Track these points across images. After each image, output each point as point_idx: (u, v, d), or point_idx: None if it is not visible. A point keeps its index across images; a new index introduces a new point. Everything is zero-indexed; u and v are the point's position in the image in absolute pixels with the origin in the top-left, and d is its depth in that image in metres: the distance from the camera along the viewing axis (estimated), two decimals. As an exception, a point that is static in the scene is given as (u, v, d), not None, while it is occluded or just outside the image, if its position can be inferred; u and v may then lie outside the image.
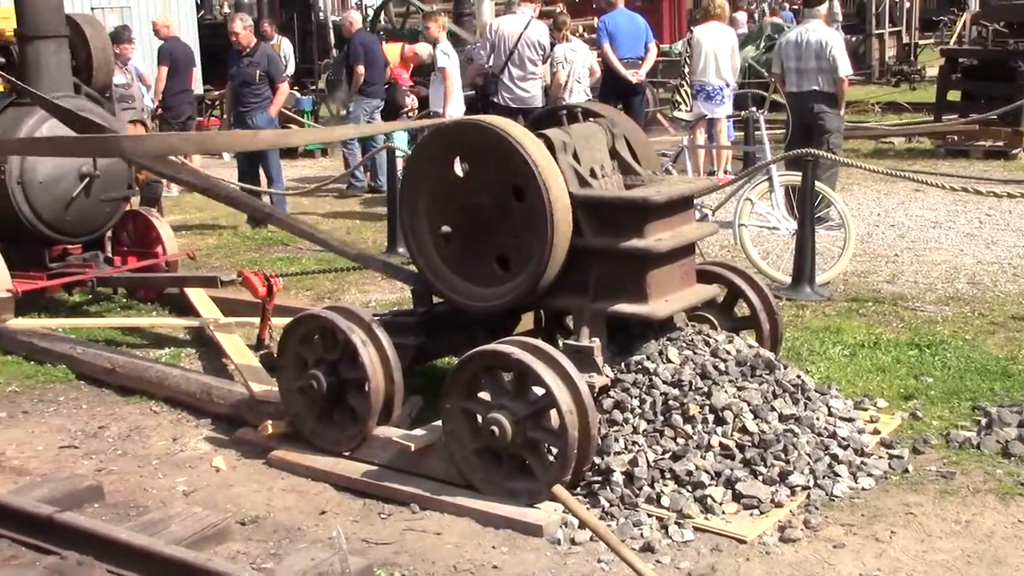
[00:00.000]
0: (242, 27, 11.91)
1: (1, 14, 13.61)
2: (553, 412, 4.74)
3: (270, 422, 5.67)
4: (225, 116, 14.31)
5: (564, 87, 11.77)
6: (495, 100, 11.60)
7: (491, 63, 11.67)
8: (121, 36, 12.31)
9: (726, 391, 5.10)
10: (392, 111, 13.44)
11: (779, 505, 4.74)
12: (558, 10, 15.35)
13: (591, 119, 5.74)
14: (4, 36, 8.96)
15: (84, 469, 5.66)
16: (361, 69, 12.74)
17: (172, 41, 13.84)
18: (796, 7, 23.16)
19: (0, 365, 7.35)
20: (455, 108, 11.70)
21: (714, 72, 12.09)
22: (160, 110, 13.12)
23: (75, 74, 8.33)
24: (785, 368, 5.52)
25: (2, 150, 7.67)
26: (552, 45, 11.85)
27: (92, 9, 21.82)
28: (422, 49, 14.41)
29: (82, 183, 8.06)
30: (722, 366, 5.24)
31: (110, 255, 8.67)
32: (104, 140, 6.50)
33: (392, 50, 14.39)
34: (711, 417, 5.00)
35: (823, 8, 10.48)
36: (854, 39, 23.33)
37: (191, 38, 26.18)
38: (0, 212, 7.93)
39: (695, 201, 6.32)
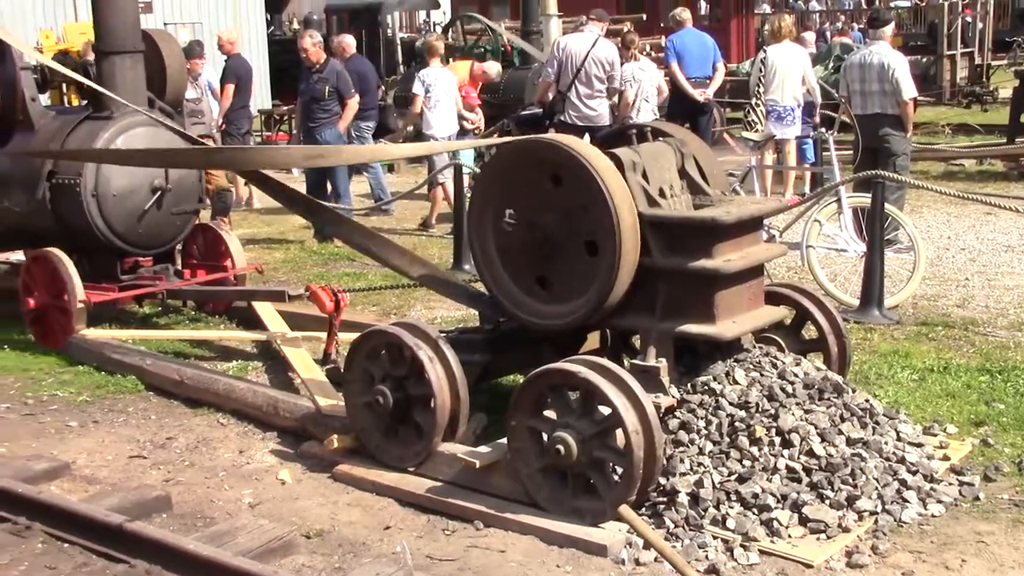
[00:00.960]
0: (311, 43, 12.04)
1: (78, 30, 13.91)
2: (619, 432, 4.72)
3: (336, 436, 5.70)
4: (295, 132, 14.47)
5: (632, 106, 11.76)
6: (562, 118, 11.60)
7: (558, 81, 11.68)
8: (193, 51, 12.49)
9: (793, 414, 5.05)
10: (383, 132, 13.58)
11: (846, 530, 4.68)
12: (626, 29, 15.39)
13: (660, 139, 5.73)
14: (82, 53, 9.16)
15: (153, 479, 5.73)
16: (355, 102, 12.63)
17: (236, 58, 14.03)
18: (863, 28, 22.99)
19: (72, 375, 7.48)
20: (440, 128, 12.18)
21: (787, 92, 12.01)
22: (223, 125, 13.29)
23: (149, 88, 8.46)
24: (853, 392, 5.46)
25: (98, 159, 7.76)
26: (619, 63, 11.84)
27: (165, 24, 22.26)
28: (491, 68, 14.50)
29: (154, 196, 8.17)
30: (789, 388, 5.20)
31: (180, 268, 8.77)
32: (212, 151, 6.53)
33: (461, 68, 14.45)
34: (778, 440, 4.96)
35: (887, 30, 10.38)
36: (924, 60, 23.11)
37: (261, 54, 26.66)
38: (74, 224, 8.06)
39: (763, 222, 6.28)
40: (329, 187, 12.22)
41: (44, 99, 8.81)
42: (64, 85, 10.54)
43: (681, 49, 13.12)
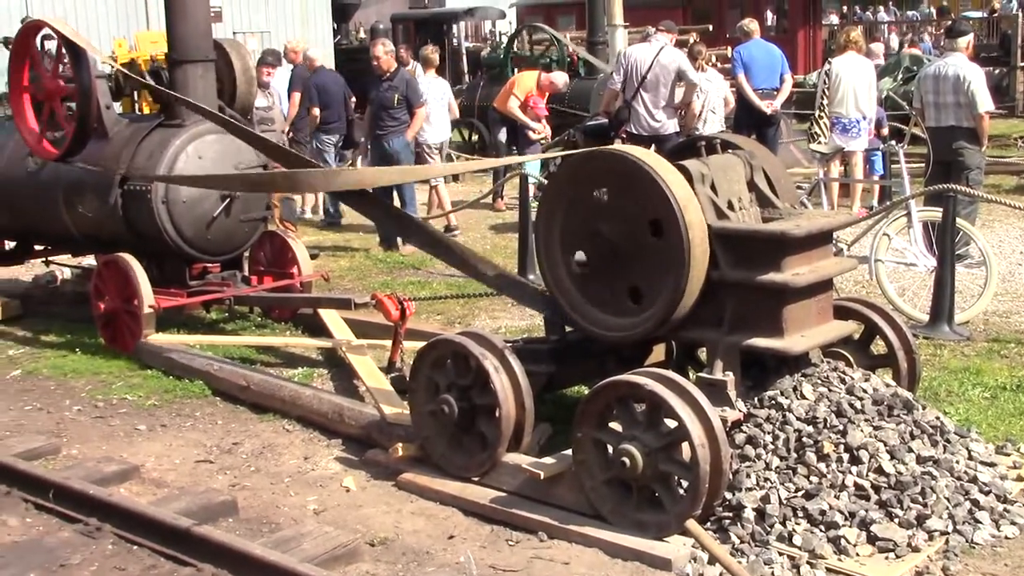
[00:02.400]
0: (383, 52, 12.12)
1: (150, 39, 14.12)
2: (685, 445, 4.69)
3: (400, 445, 5.73)
4: (363, 139, 14.55)
5: (698, 117, 11.70)
6: (628, 128, 11.58)
7: (624, 91, 11.65)
8: (265, 60, 12.61)
9: (862, 430, 4.99)
10: (350, 146, 13.62)
11: (916, 550, 4.61)
12: (692, 40, 15.31)
13: (730, 151, 5.70)
14: (155, 59, 9.28)
15: (219, 484, 5.78)
16: (316, 111, 12.75)
17: (301, 67, 14.17)
18: (941, 40, 22.71)
19: (141, 379, 7.57)
20: (433, 135, 12.88)
21: (852, 104, 11.89)
22: (290, 133, 13.40)
23: (219, 96, 8.56)
24: (923, 409, 5.38)
25: (186, 182, 7.86)
26: (689, 68, 11.75)
27: (234, 33, 22.54)
28: (558, 78, 14.50)
29: (223, 203, 8.25)
30: (858, 404, 5.14)
31: (247, 274, 8.85)
32: (296, 175, 6.60)
33: (528, 78, 14.49)
34: (846, 456, 4.90)
35: (963, 41, 10.23)
36: (997, 72, 22.78)
37: (327, 63, 26.81)
38: (145, 230, 8.17)
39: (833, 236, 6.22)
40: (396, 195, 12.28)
41: (117, 107, 8.94)
42: (135, 93, 10.67)
43: (748, 60, 13.03)
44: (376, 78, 12.25)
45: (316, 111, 12.74)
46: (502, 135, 14.66)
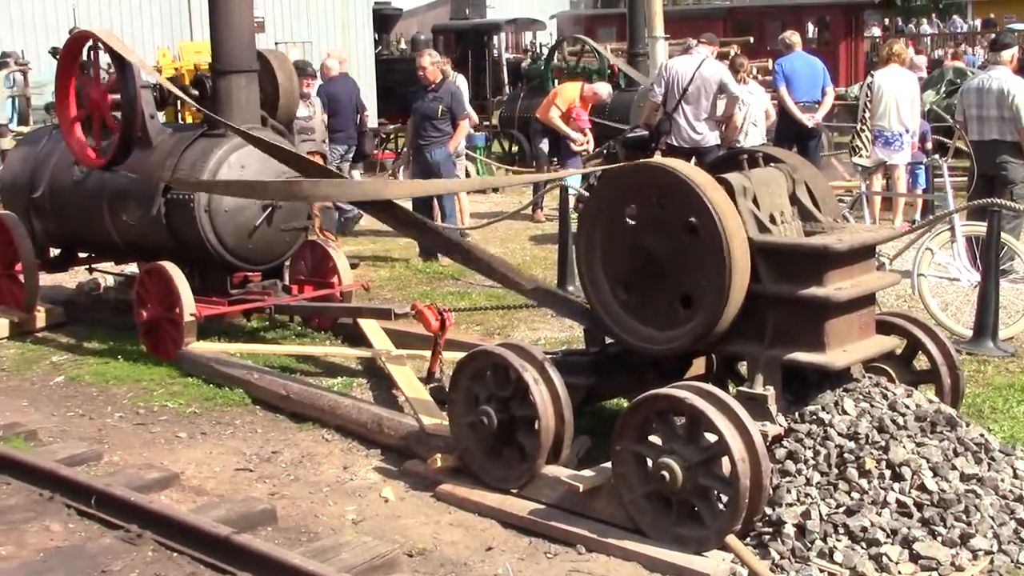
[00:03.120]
0: (429, 62, 12.16)
1: (193, 49, 14.23)
2: (725, 459, 4.67)
3: (439, 455, 5.73)
4: (405, 148, 14.64)
5: (740, 129, 11.67)
6: (668, 140, 11.55)
7: (664, 103, 11.63)
8: (305, 71, 12.68)
9: (904, 446, 4.94)
10: (360, 157, 13.62)
11: (960, 569, 4.56)
12: (733, 52, 15.28)
13: (772, 164, 5.67)
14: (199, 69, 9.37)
15: (258, 492, 5.81)
16: (466, 123, 12.82)
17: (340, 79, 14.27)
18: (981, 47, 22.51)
19: (182, 386, 7.62)
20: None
21: (895, 118, 11.81)
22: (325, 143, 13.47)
23: (262, 107, 8.61)
24: (967, 426, 5.32)
25: (224, 191, 7.90)
26: (731, 80, 11.72)
27: (276, 44, 22.62)
28: (601, 89, 14.50)
29: (264, 213, 8.30)
30: (900, 420, 5.09)
31: (288, 284, 8.89)
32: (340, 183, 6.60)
33: (570, 89, 14.50)
34: (888, 473, 4.85)
35: (1007, 54, 10.13)
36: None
37: (368, 73, 26.99)
38: (187, 238, 8.23)
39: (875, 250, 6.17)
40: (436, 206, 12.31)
41: (160, 116, 9.02)
42: (178, 103, 10.79)
43: (790, 73, 12.99)
44: (421, 88, 12.29)
45: (467, 119, 12.77)
46: (543, 145, 14.67)
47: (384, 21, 29.21)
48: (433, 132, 12.05)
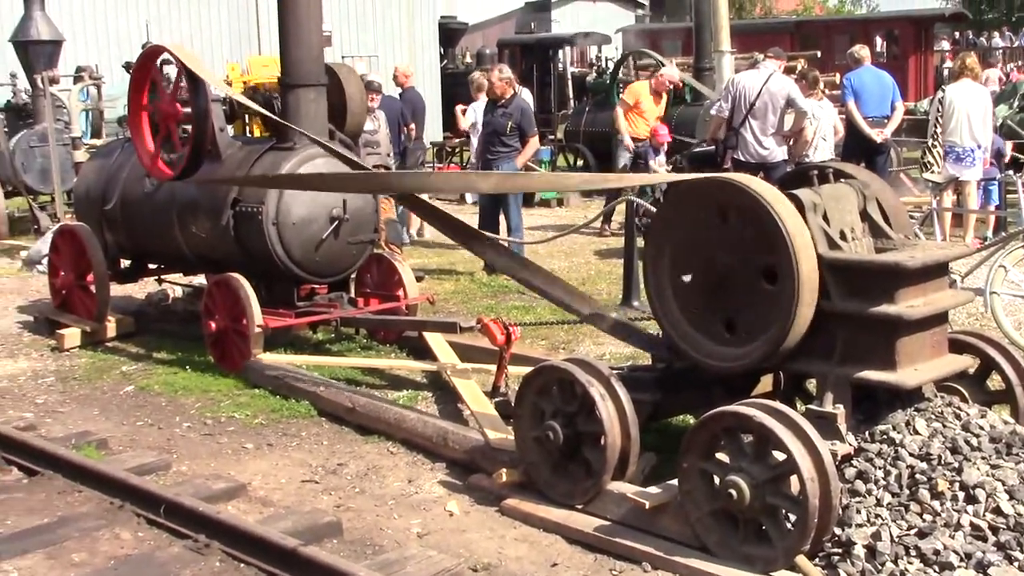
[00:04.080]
0: (499, 78, 12.20)
1: (261, 63, 14.39)
2: (794, 478, 4.62)
3: (504, 470, 5.73)
4: (473, 161, 14.71)
5: (809, 144, 11.56)
6: (735, 156, 11.48)
7: (731, 118, 11.56)
8: (371, 85, 12.77)
9: (978, 468, 4.86)
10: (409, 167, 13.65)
11: (1035, 594, 4.47)
12: (802, 66, 15.15)
13: (842, 180, 5.61)
14: (268, 86, 9.46)
15: (324, 504, 5.83)
16: (535, 140, 12.77)
17: (411, 91, 14.37)
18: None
19: (248, 397, 7.69)
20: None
21: (966, 133, 11.65)
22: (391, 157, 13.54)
23: (330, 120, 8.68)
24: (1044, 448, 5.22)
25: (295, 185, 8.00)
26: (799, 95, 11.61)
27: (343, 57, 22.86)
28: (669, 71, 14.59)
29: (332, 226, 8.36)
30: (974, 441, 5.00)
31: (354, 296, 8.94)
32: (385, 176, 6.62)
33: (638, 85, 14.58)
34: (961, 495, 4.76)
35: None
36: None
37: (434, 87, 27.17)
38: (255, 251, 8.31)
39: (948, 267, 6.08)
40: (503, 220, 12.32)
41: (229, 129, 9.13)
42: (247, 117, 10.89)
43: (859, 87, 12.86)
44: (490, 103, 12.32)
45: (536, 136, 12.86)
46: (624, 158, 14.57)
47: (450, 35, 29.41)
48: (501, 147, 12.07)
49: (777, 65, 11.77)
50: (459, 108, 15.36)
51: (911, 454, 4.91)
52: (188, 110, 8.44)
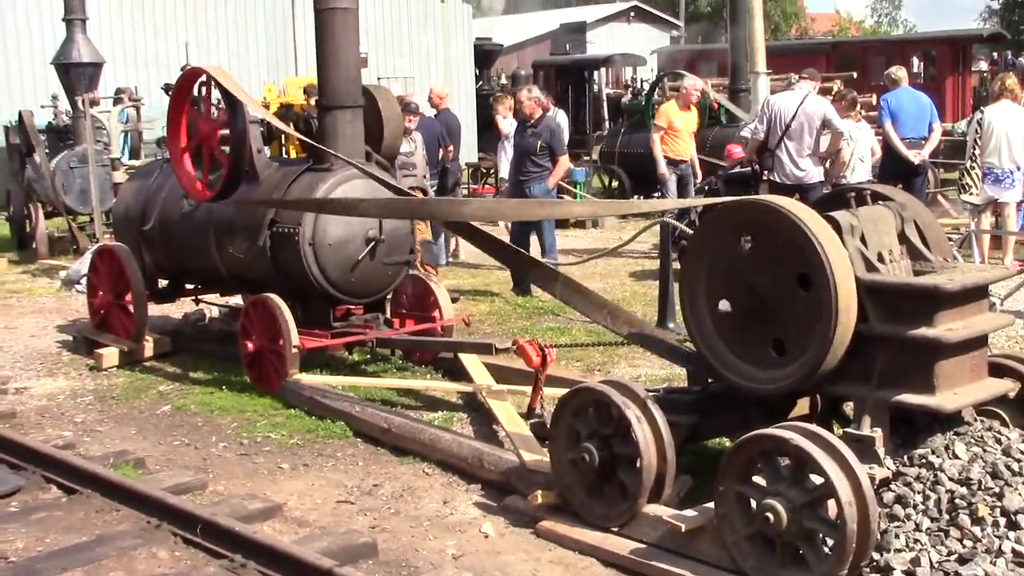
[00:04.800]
0: (527, 97, 12.20)
1: (298, 84, 14.48)
2: (831, 502, 4.59)
3: (540, 492, 5.71)
4: (505, 183, 14.76)
5: (846, 165, 11.51)
6: (771, 177, 11.44)
7: (767, 139, 11.53)
8: (409, 107, 12.84)
9: (1020, 494, 4.80)
10: (443, 192, 13.62)
11: (1077, 621, 4.42)
12: (838, 87, 15.10)
13: (880, 202, 5.59)
14: (303, 107, 9.53)
15: (359, 525, 5.84)
16: (565, 159, 12.77)
17: (446, 113, 14.44)
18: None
19: (284, 418, 7.72)
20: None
21: (1005, 154, 11.57)
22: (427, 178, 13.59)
23: (366, 141, 8.72)
24: (1085, 473, 5.16)
25: (327, 210, 8.05)
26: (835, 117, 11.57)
27: (379, 79, 22.99)
28: (691, 81, 14.62)
29: (368, 246, 8.39)
30: (1015, 466, 4.95)
31: (389, 317, 8.96)
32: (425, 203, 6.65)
33: (667, 105, 14.65)
34: (1003, 520, 4.71)
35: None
36: None
37: (469, 108, 27.27)
38: (292, 271, 8.35)
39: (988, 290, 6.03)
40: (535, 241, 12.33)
41: (266, 151, 9.19)
42: (283, 137, 10.98)
43: (896, 109, 12.80)
44: (520, 124, 12.35)
45: (567, 155, 12.94)
46: (672, 184, 14.53)
47: (485, 57, 29.49)
48: (532, 167, 12.07)
49: (812, 86, 11.74)
50: (498, 117, 15.34)
51: (951, 479, 4.87)
52: (226, 131, 8.51)
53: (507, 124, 14.87)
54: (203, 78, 8.66)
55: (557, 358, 7.60)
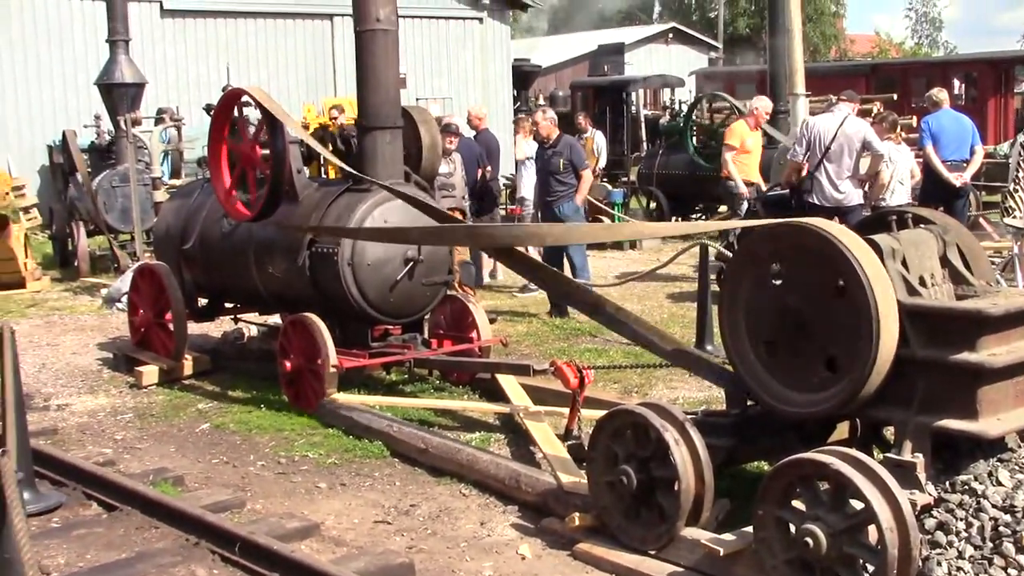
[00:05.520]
0: (543, 118, 12.29)
1: (335, 105, 14.56)
2: (872, 528, 4.55)
3: (577, 514, 5.70)
4: (523, 195, 14.81)
5: (886, 187, 11.44)
6: (810, 199, 11.38)
7: (807, 161, 11.47)
8: (449, 128, 12.88)
9: (1064, 521, 4.75)
10: (481, 212, 13.60)
11: (1123, 652, 4.35)
12: (878, 109, 15.02)
13: (921, 225, 5.55)
14: (342, 126, 9.57)
15: (396, 545, 5.84)
16: (589, 174, 12.76)
17: (484, 133, 14.48)
18: None
19: (322, 437, 7.74)
20: (529, 191, 13.76)
21: (1048, 177, 11.47)
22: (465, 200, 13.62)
23: (405, 162, 8.76)
24: None
25: (373, 237, 8.10)
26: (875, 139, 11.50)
27: (417, 99, 23.10)
28: (759, 102, 14.55)
29: (406, 267, 8.41)
30: (1060, 494, 4.89)
31: (427, 337, 8.98)
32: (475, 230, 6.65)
33: (736, 124, 14.65)
34: (1048, 549, 4.66)
35: None
36: None
37: (507, 129, 27.32)
38: (331, 291, 8.38)
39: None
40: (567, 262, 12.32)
41: (305, 171, 9.24)
42: (321, 157, 11.04)
43: (937, 131, 12.71)
44: (540, 145, 12.41)
45: (590, 170, 13.04)
46: (743, 206, 14.41)
47: (523, 78, 29.59)
48: (558, 187, 12.11)
49: (851, 108, 11.68)
50: (518, 137, 15.36)
51: (994, 506, 4.81)
52: (266, 152, 8.57)
53: (525, 147, 14.87)
54: (244, 98, 8.72)
55: (594, 379, 7.58)
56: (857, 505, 4.61)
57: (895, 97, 23.28)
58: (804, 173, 11.39)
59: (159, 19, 23.85)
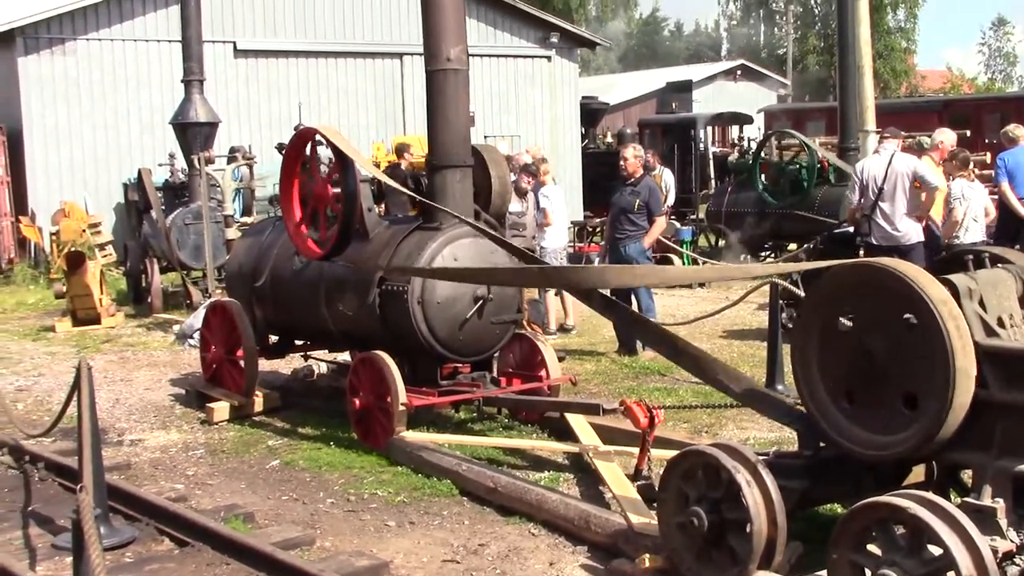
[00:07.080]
0: (632, 155, 12.19)
1: (405, 143, 14.67)
2: (951, 575, 4.45)
3: (647, 556, 5.65)
4: (604, 242, 14.72)
5: (959, 225, 11.29)
6: (868, 240, 11.30)
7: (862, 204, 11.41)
8: (528, 168, 12.93)
9: None
10: None
11: None
12: (942, 141, 14.78)
13: (999, 264, 5.46)
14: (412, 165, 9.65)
15: (465, 585, 5.83)
16: (662, 220, 12.69)
17: None
18: None
19: (391, 475, 7.75)
20: (553, 240, 13.24)
21: None
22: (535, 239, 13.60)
23: (475, 201, 8.79)
24: None
25: (446, 276, 8.16)
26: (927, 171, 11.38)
27: (485, 137, 23.23)
28: (942, 135, 14.10)
29: (476, 305, 8.43)
30: None
31: (496, 376, 8.97)
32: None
33: (926, 159, 14.35)
34: None
35: None
36: None
37: (574, 167, 27.39)
38: (400, 329, 8.42)
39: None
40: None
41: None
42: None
43: (1013, 167, 12.56)
44: (620, 181, 12.34)
45: (664, 216, 13.07)
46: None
47: (591, 115, 29.64)
48: (629, 226, 12.02)
49: (896, 144, 11.59)
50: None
51: (1077, 552, 4.70)
52: (337, 190, 8.65)
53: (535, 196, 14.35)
54: (316, 137, 8.82)
55: (664, 419, 7.53)
56: (935, 551, 4.52)
57: (968, 133, 22.99)
58: (860, 216, 11.35)
59: (232, 59, 24.29)
